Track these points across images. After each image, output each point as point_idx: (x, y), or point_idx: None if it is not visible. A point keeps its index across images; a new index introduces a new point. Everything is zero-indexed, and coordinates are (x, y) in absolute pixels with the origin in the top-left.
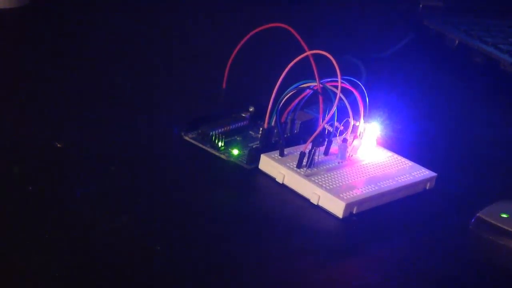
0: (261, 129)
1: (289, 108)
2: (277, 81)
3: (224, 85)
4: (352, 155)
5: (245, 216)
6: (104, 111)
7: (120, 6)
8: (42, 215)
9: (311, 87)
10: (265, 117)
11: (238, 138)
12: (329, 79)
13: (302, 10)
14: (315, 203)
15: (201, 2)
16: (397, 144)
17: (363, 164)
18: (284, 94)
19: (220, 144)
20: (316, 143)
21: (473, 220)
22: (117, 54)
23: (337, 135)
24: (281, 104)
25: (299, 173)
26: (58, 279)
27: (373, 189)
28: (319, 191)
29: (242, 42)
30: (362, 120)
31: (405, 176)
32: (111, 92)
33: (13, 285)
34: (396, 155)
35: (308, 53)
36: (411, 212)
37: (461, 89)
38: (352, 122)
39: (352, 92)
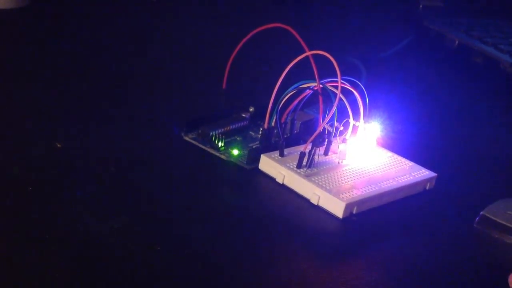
0: (261, 129)
1: (289, 108)
2: (277, 81)
3: (224, 85)
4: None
5: (245, 216)
6: (104, 111)
7: (120, 6)
8: (42, 215)
9: (311, 87)
10: (265, 117)
11: (238, 138)
12: (329, 79)
13: (302, 11)
14: (315, 203)
15: (201, 2)
16: (397, 144)
17: (363, 164)
18: (284, 94)
19: (220, 144)
20: (316, 143)
21: (477, 219)
22: (117, 54)
23: (337, 135)
24: (281, 104)
25: (299, 173)
26: (58, 279)
27: (373, 189)
28: (319, 191)
29: (242, 42)
30: (362, 120)
31: (405, 176)
32: (111, 92)
33: (13, 285)
34: (396, 155)
35: (308, 53)
36: (411, 212)
37: (461, 89)
38: (352, 122)
39: (352, 92)
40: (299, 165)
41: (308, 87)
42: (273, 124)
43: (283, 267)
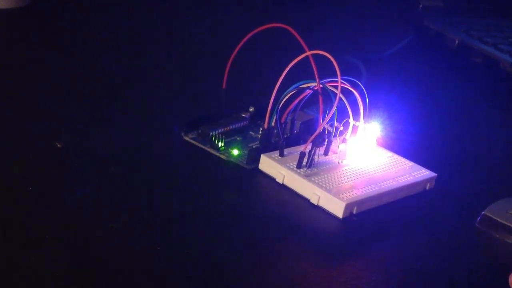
0: (261, 129)
1: (289, 108)
2: (277, 81)
3: (224, 85)
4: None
5: (245, 216)
6: (104, 111)
7: (120, 6)
8: (42, 215)
9: (311, 87)
10: (265, 117)
11: (238, 138)
12: (329, 79)
13: (302, 10)
14: (315, 203)
15: (201, 1)
16: (397, 144)
17: (363, 164)
18: (284, 94)
19: (220, 144)
20: (316, 143)
21: (479, 218)
22: (117, 54)
23: (337, 135)
24: (281, 104)
25: (299, 173)
26: (58, 279)
27: (373, 189)
28: (319, 191)
29: (242, 42)
30: (362, 120)
31: (405, 176)
32: (111, 91)
33: (13, 285)
34: (396, 155)
35: (308, 53)
36: (411, 212)
37: (461, 89)
38: (352, 122)
39: (352, 92)
40: (299, 165)
41: (308, 87)
42: (273, 124)
43: (283, 267)
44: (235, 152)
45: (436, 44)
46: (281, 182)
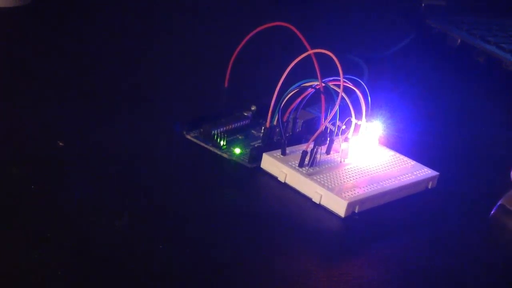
0: (263, 128)
1: (291, 107)
2: (279, 80)
3: (226, 84)
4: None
5: (247, 215)
6: (106, 110)
7: (120, 5)
8: (44, 213)
9: (313, 86)
10: (267, 116)
11: (240, 137)
12: (331, 78)
13: (304, 9)
14: (317, 202)
15: (203, 0)
16: (399, 143)
17: (365, 163)
18: (286, 93)
19: (222, 143)
20: (318, 142)
21: (495, 209)
22: (117, 53)
23: (339, 134)
24: (283, 103)
25: (301, 172)
26: (59, 279)
27: (375, 188)
28: (321, 190)
29: (244, 41)
30: (364, 119)
31: (407, 175)
32: (113, 90)
33: (14, 285)
34: (398, 154)
35: (310, 52)
36: (413, 211)
37: (463, 88)
38: (354, 121)
39: (354, 91)
40: (301, 164)
41: (310, 86)
42: (275, 122)
43: (284, 266)
44: (237, 150)
45: (438, 43)
46: (283, 181)
